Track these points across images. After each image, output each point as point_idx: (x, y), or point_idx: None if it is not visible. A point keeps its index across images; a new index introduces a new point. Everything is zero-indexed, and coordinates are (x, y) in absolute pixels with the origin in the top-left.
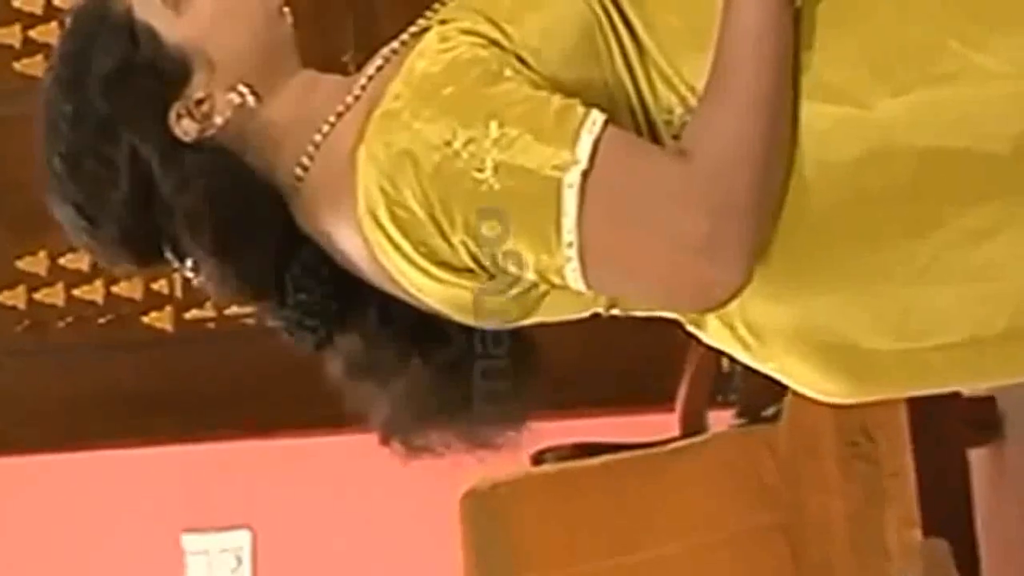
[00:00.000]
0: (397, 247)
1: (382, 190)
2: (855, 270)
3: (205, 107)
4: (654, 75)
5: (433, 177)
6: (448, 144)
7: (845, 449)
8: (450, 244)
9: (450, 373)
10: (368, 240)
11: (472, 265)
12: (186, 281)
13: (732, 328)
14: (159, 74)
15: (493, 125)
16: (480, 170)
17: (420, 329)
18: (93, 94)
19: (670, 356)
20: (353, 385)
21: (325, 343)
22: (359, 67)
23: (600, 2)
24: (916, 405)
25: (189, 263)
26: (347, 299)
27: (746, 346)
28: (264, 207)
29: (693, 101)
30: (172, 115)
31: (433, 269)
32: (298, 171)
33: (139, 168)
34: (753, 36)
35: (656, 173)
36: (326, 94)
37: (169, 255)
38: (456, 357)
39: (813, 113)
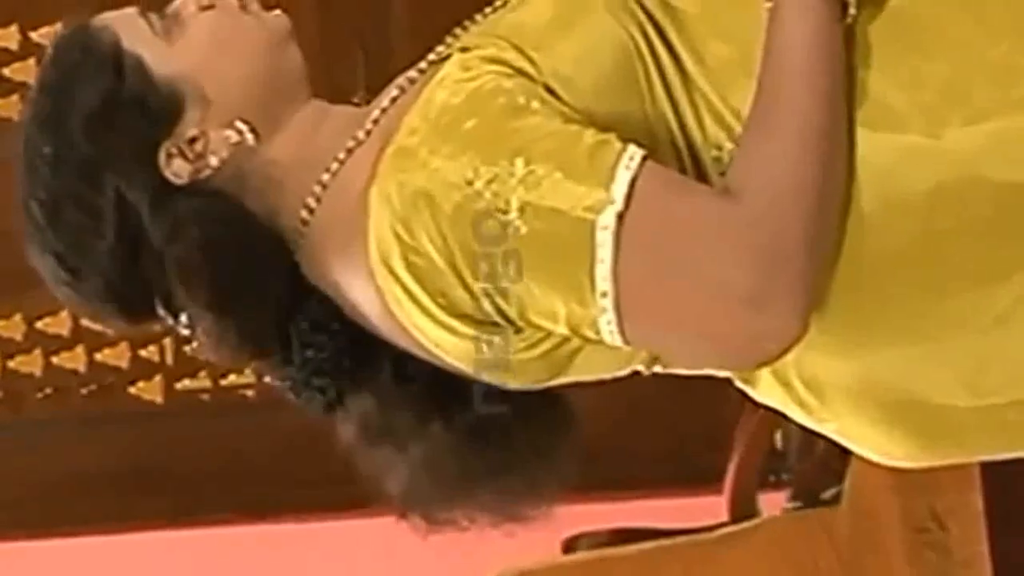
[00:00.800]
0: (413, 298)
1: (396, 235)
2: (924, 319)
3: (199, 146)
4: (701, 108)
5: (452, 219)
6: (469, 183)
7: (912, 536)
8: (471, 294)
9: (474, 438)
10: (381, 291)
11: (496, 317)
12: (178, 348)
13: (787, 385)
14: (147, 110)
15: (519, 162)
16: (504, 211)
17: (440, 389)
18: (75, 133)
19: (718, 431)
20: (367, 451)
21: (336, 405)
22: (370, 78)
23: (639, 27)
24: (992, 487)
25: (183, 318)
26: (359, 355)
27: (803, 405)
28: (266, 256)
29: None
30: (162, 156)
31: (453, 322)
32: (303, 214)
33: (126, 215)
34: (800, 54)
35: (700, 214)
36: (335, 128)
37: (161, 310)
38: (480, 420)
39: (875, 144)
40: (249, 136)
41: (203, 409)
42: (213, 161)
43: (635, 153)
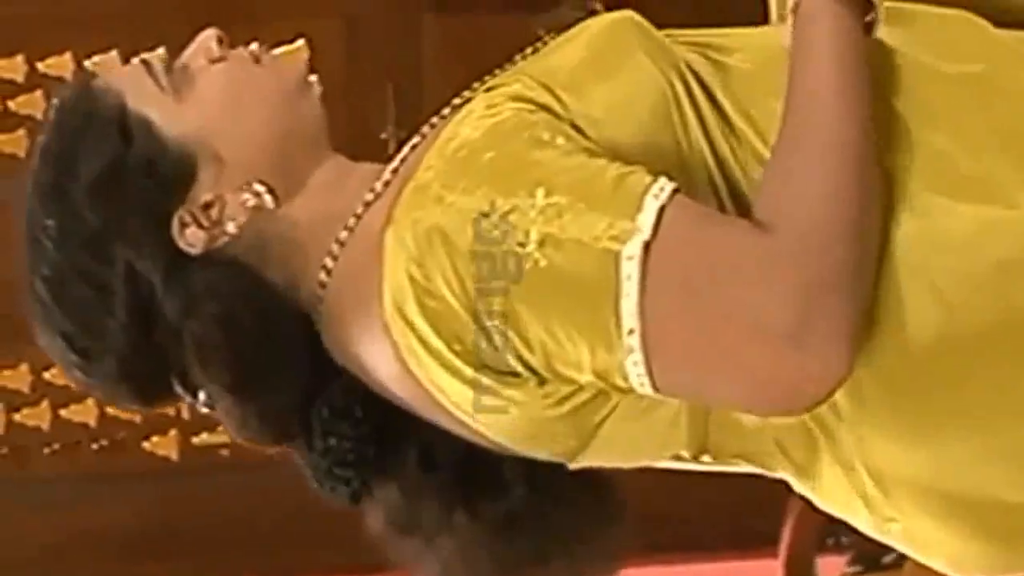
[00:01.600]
0: (429, 348)
1: (410, 277)
2: (1002, 404)
3: (214, 212)
4: (745, 152)
5: (467, 257)
6: (485, 216)
7: None
8: (490, 340)
9: (504, 529)
10: (397, 347)
11: (519, 367)
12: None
13: (852, 475)
14: (157, 175)
15: (540, 193)
16: (523, 244)
17: (468, 476)
18: (80, 204)
19: (773, 491)
20: (397, 540)
21: (362, 494)
22: (400, 145)
23: (680, 76)
24: None
25: (202, 396)
26: (384, 443)
27: (866, 497)
28: (288, 333)
29: None
30: (175, 224)
31: (471, 373)
32: (321, 276)
33: (138, 289)
34: (829, 74)
35: (735, 246)
36: (358, 184)
37: (178, 388)
38: (513, 508)
39: (953, 214)
40: (268, 198)
41: (221, 465)
42: (230, 227)
43: (665, 184)
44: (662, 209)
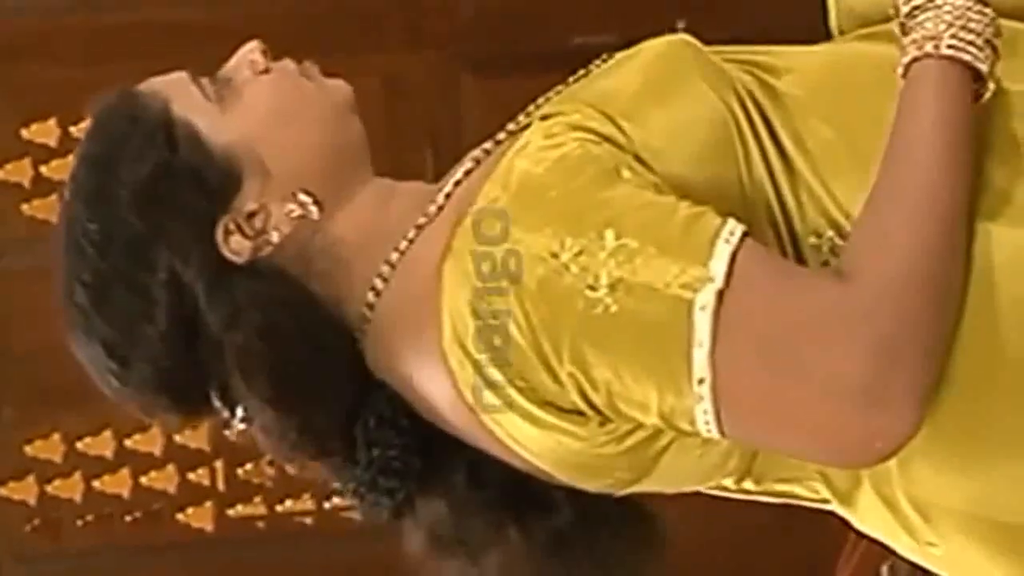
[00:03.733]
0: (489, 382)
1: (473, 311)
2: None
3: (259, 221)
4: (802, 193)
5: (536, 295)
6: (555, 256)
7: None
8: (555, 378)
9: (555, 550)
10: (454, 375)
11: (582, 405)
12: (229, 471)
13: (892, 504)
14: (203, 183)
15: (609, 234)
16: (593, 288)
17: (519, 493)
18: (124, 209)
19: (819, 560)
20: (438, 562)
21: (405, 509)
22: (439, 177)
23: (740, 103)
24: None
25: (240, 411)
26: (431, 455)
27: (908, 527)
28: (332, 346)
29: (845, 225)
30: (219, 232)
31: (534, 410)
32: (370, 297)
33: (180, 297)
34: (932, 133)
35: (808, 296)
36: (405, 205)
37: (216, 402)
38: (562, 528)
39: (994, 239)
40: (313, 209)
41: (258, 538)
42: (275, 237)
43: (735, 228)
44: (734, 255)
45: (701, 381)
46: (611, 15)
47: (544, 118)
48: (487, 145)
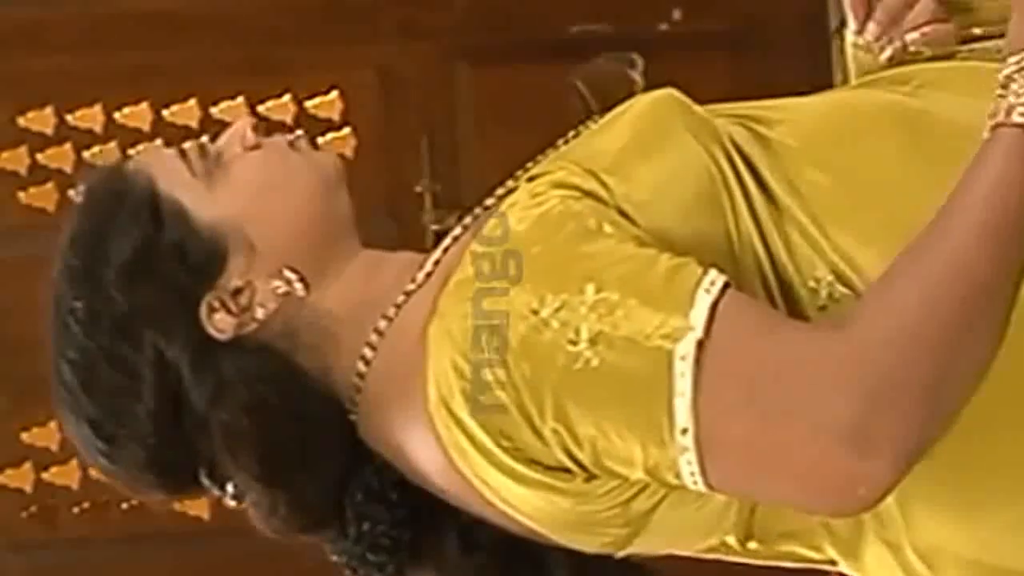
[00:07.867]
0: (475, 443)
1: (456, 370)
2: None
3: (244, 298)
4: (794, 237)
5: (518, 352)
6: (535, 312)
7: None
8: (539, 436)
9: None
10: (441, 439)
11: (567, 462)
12: None
13: (897, 551)
14: (188, 260)
15: (590, 288)
16: (574, 342)
17: (512, 557)
18: (109, 286)
19: None
20: None
21: None
22: (435, 198)
23: (727, 156)
24: None
25: (230, 488)
26: (421, 527)
27: (913, 574)
28: (320, 420)
29: (845, 269)
30: (204, 309)
31: (519, 468)
32: (360, 366)
33: (166, 375)
34: (984, 199)
35: (795, 342)
36: (394, 273)
37: (205, 480)
38: None
39: None
40: (298, 286)
41: (254, 526)
42: (259, 314)
43: (716, 278)
44: (715, 305)
45: (684, 431)
46: (607, 4)
47: (531, 179)
48: (476, 211)
